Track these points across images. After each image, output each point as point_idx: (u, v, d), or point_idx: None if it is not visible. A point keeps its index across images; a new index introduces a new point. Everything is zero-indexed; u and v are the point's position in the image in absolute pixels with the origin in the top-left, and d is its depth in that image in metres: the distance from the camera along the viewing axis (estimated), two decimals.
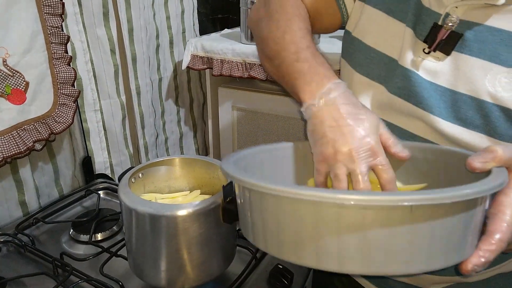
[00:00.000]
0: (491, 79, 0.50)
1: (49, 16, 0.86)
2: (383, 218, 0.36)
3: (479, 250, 0.39)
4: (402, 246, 0.37)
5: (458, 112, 0.53)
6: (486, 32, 0.50)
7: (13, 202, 0.93)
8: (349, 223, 0.37)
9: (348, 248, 0.37)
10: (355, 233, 0.37)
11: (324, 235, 0.38)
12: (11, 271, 0.74)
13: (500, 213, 0.39)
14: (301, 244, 0.39)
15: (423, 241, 0.37)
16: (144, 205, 0.61)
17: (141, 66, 1.21)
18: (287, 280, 0.71)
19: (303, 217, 0.38)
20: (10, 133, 0.83)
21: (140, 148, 1.27)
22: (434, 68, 0.54)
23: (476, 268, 0.39)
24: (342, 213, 0.37)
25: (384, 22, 0.60)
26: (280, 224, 0.41)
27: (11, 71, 0.82)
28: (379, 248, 0.37)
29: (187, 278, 0.65)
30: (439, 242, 0.37)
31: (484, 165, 0.41)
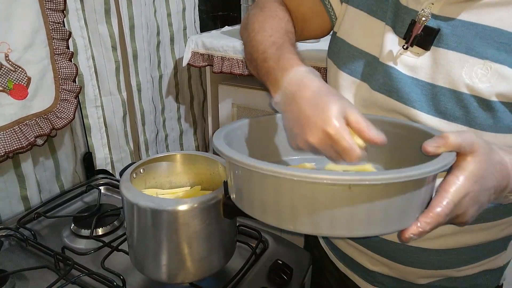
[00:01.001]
0: (468, 71, 0.52)
1: (51, 12, 0.87)
2: (328, 192, 0.42)
3: (418, 221, 0.43)
4: (344, 216, 0.43)
5: (438, 105, 0.55)
6: (462, 26, 0.53)
7: (15, 197, 0.93)
8: (302, 195, 0.43)
9: (303, 215, 0.44)
10: (308, 203, 0.43)
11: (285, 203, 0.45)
12: (13, 265, 0.75)
13: (443, 191, 0.43)
14: (279, 212, 0.46)
15: (362, 212, 0.42)
16: (146, 200, 0.62)
17: (142, 63, 1.21)
18: (286, 275, 0.71)
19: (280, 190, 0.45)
20: (12, 128, 0.84)
21: (140, 145, 1.28)
22: (413, 63, 0.56)
23: (412, 237, 0.43)
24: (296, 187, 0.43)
25: (365, 21, 0.62)
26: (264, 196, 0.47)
27: (13, 66, 0.82)
28: (325, 215, 0.43)
29: (187, 273, 0.65)
30: (377, 215, 0.43)
31: (436, 149, 0.44)
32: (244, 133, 0.61)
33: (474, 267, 0.65)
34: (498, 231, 0.62)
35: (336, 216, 0.43)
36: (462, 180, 0.43)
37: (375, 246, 0.65)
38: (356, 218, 0.43)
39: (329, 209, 0.43)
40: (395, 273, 0.67)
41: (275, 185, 0.44)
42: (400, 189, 0.42)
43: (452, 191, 0.43)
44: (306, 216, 0.44)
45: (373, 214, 0.43)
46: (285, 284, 0.71)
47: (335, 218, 0.43)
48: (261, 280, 0.72)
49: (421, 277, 0.66)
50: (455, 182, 0.43)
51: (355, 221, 0.43)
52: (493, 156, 0.45)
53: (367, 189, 0.41)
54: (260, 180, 0.46)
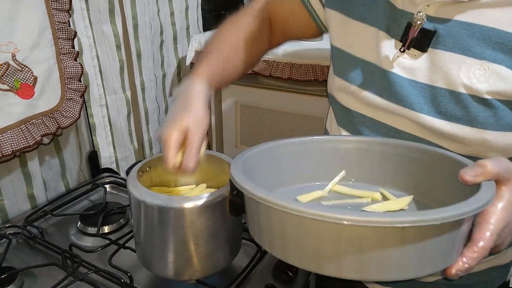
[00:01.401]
0: (466, 72, 0.52)
1: (57, 12, 0.87)
2: (377, 236, 0.40)
3: (463, 257, 0.42)
4: (394, 260, 0.41)
5: (438, 106, 0.55)
6: (458, 27, 0.53)
7: (21, 195, 0.94)
8: (347, 238, 0.40)
9: (346, 260, 0.41)
10: (353, 247, 0.41)
11: (325, 248, 0.42)
12: (21, 262, 0.76)
13: (484, 222, 0.42)
14: (303, 253, 0.44)
15: (413, 256, 0.40)
16: (153, 197, 0.62)
17: (145, 62, 1.22)
18: (292, 272, 0.72)
19: (305, 231, 0.42)
20: (19, 127, 0.84)
21: (144, 143, 1.29)
22: (411, 66, 0.56)
23: (459, 274, 0.42)
24: (341, 230, 0.40)
25: (357, 28, 0.62)
26: (285, 234, 0.44)
27: (20, 66, 0.83)
28: (374, 261, 0.41)
29: (194, 270, 0.66)
30: (428, 255, 0.41)
31: (474, 178, 0.43)
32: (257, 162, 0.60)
33: (481, 264, 0.65)
34: None
35: (386, 260, 0.41)
36: (501, 210, 0.42)
37: None
38: (407, 261, 0.41)
39: (379, 253, 0.40)
40: None
41: (317, 229, 0.41)
42: (450, 226, 0.40)
43: (493, 221, 0.42)
44: (353, 261, 0.41)
45: (424, 255, 0.41)
46: (290, 280, 0.72)
47: (384, 262, 0.41)
48: (267, 277, 0.73)
49: (429, 276, 0.66)
50: (495, 212, 0.42)
51: (406, 263, 0.41)
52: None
53: (420, 230, 0.39)
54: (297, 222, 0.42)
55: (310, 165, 0.62)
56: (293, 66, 1.15)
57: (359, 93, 0.62)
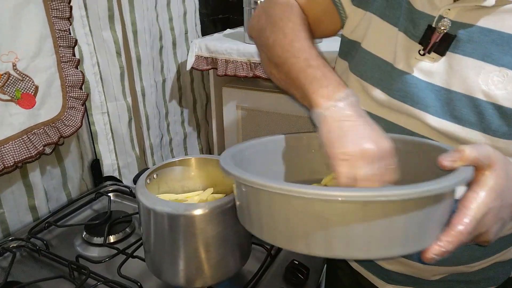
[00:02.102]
0: (484, 78, 0.51)
1: (57, 20, 0.86)
2: (341, 211, 0.40)
3: (439, 241, 0.41)
4: (359, 237, 0.40)
5: (453, 110, 0.54)
6: (478, 32, 0.52)
7: (23, 207, 0.93)
8: (312, 213, 0.41)
9: (314, 234, 0.41)
10: (319, 223, 0.41)
11: (294, 223, 0.43)
12: (27, 276, 0.74)
13: (464, 208, 0.41)
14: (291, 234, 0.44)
15: (377, 233, 0.40)
16: (163, 205, 0.61)
17: (145, 68, 1.21)
18: (303, 275, 0.71)
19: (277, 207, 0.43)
20: (20, 138, 0.83)
21: (146, 150, 1.28)
22: (429, 69, 0.56)
23: (435, 257, 0.41)
24: (307, 205, 0.41)
25: (379, 26, 0.62)
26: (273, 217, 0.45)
27: (21, 75, 0.82)
28: (339, 237, 0.41)
29: (205, 277, 0.65)
30: (395, 234, 0.40)
31: (452, 163, 0.43)
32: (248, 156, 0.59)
33: (486, 261, 0.65)
34: (510, 227, 0.62)
35: (352, 237, 0.40)
36: (483, 196, 0.42)
37: None
38: (373, 238, 0.40)
39: (344, 229, 0.40)
40: (409, 271, 0.67)
41: (285, 204, 0.42)
42: (418, 205, 0.40)
43: (473, 207, 0.41)
44: (319, 237, 0.41)
45: (391, 233, 0.40)
46: (302, 284, 0.71)
47: (350, 239, 0.40)
48: (278, 281, 0.72)
49: (435, 274, 0.66)
50: (475, 198, 0.42)
51: (372, 241, 0.40)
52: (511, 170, 0.44)
53: (383, 206, 0.39)
54: (269, 200, 0.44)
55: (305, 160, 0.62)
56: None
57: (373, 92, 0.62)
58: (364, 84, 0.63)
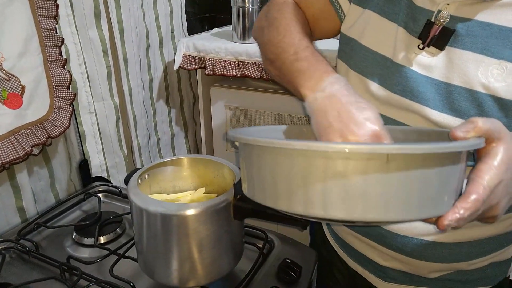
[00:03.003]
0: (484, 71, 0.53)
1: (43, 19, 0.85)
2: (362, 167, 0.39)
3: (455, 207, 0.41)
4: (379, 195, 0.39)
5: (452, 104, 0.55)
6: (477, 26, 0.53)
7: (10, 209, 0.91)
8: (332, 171, 0.39)
9: (332, 195, 0.40)
10: (338, 181, 0.39)
11: (311, 183, 0.41)
12: (17, 278, 0.73)
13: (477, 178, 0.42)
14: (292, 193, 0.42)
15: (398, 191, 0.39)
16: (155, 205, 0.61)
17: (132, 67, 1.20)
18: (295, 273, 0.72)
19: (294, 167, 0.41)
20: (8, 138, 0.82)
21: (134, 150, 1.27)
22: (428, 63, 0.57)
23: (451, 224, 0.41)
24: (327, 163, 0.39)
25: (377, 23, 0.63)
26: (275, 176, 0.43)
27: (7, 75, 0.81)
28: (358, 195, 0.39)
29: (198, 277, 0.65)
30: (414, 193, 0.40)
31: (465, 133, 0.43)
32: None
33: (483, 260, 0.66)
34: (508, 225, 0.63)
35: (371, 196, 0.39)
36: (495, 167, 0.42)
37: (388, 241, 0.66)
38: (392, 198, 0.39)
39: (364, 187, 0.39)
40: (407, 268, 0.68)
41: (302, 163, 0.40)
42: (438, 163, 0.40)
43: (487, 177, 0.42)
44: (338, 198, 0.40)
45: (409, 193, 0.40)
46: (294, 282, 0.72)
47: (369, 199, 0.39)
48: (271, 280, 0.72)
49: (433, 271, 0.67)
50: (488, 169, 0.42)
51: (391, 201, 0.39)
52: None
53: (405, 162, 0.38)
54: (286, 159, 0.42)
55: None
56: None
57: (373, 87, 0.63)
58: (364, 80, 0.64)
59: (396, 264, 0.68)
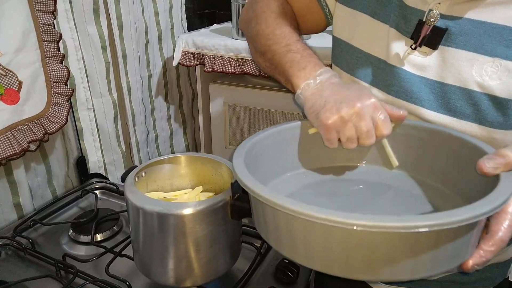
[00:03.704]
0: (478, 69, 0.52)
1: (41, 14, 0.84)
2: (390, 240, 0.38)
3: (480, 250, 0.41)
4: (408, 263, 0.39)
5: (448, 103, 0.55)
6: (469, 25, 0.53)
7: (7, 205, 0.91)
8: (357, 241, 0.39)
9: (356, 262, 0.40)
10: (364, 250, 0.39)
11: (334, 250, 0.41)
12: (13, 275, 0.72)
13: (502, 213, 0.41)
14: (312, 254, 0.43)
15: (428, 257, 0.39)
16: (152, 204, 0.61)
17: (131, 63, 1.19)
18: (293, 274, 0.71)
19: (314, 233, 0.41)
20: (4, 134, 0.81)
21: (132, 146, 1.26)
22: (422, 63, 0.57)
23: (476, 267, 0.41)
24: (351, 233, 0.39)
25: (369, 24, 0.62)
26: (293, 235, 0.43)
27: (4, 71, 0.80)
28: (386, 263, 0.39)
29: (195, 276, 0.65)
30: (443, 255, 0.40)
31: (495, 170, 0.43)
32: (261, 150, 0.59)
33: None
34: None
35: (399, 264, 0.39)
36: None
37: None
38: (421, 263, 0.39)
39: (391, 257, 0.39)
40: None
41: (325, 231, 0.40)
42: (471, 226, 0.39)
43: (510, 211, 0.41)
44: (362, 265, 0.40)
45: (439, 255, 0.39)
46: (292, 282, 0.71)
47: (397, 266, 0.40)
48: (268, 280, 0.72)
49: None
50: (511, 204, 0.41)
51: (420, 266, 0.39)
52: None
53: (436, 233, 0.37)
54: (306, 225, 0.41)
55: (316, 148, 0.61)
56: None
57: None
58: (357, 82, 0.64)
59: None
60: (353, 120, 0.50)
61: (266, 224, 0.48)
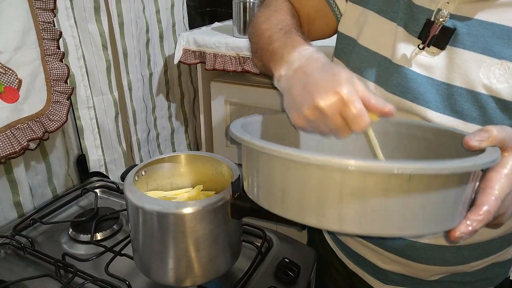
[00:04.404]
0: (485, 71, 0.51)
1: (41, 11, 0.84)
2: (382, 184, 0.38)
3: (467, 220, 0.41)
4: (398, 211, 0.39)
5: (454, 105, 0.54)
6: (478, 26, 0.52)
7: (7, 204, 0.90)
8: (351, 187, 0.38)
9: (349, 210, 0.39)
10: (356, 197, 0.38)
11: (327, 197, 0.40)
12: (12, 274, 0.72)
13: (488, 188, 0.41)
14: (305, 204, 0.41)
15: (418, 208, 0.39)
16: (152, 203, 0.60)
17: (132, 61, 1.19)
18: (294, 273, 0.71)
19: (309, 180, 0.40)
20: (4, 133, 0.81)
21: (133, 145, 1.25)
22: (429, 63, 0.56)
23: (463, 236, 0.41)
24: (345, 178, 0.38)
25: (376, 22, 0.61)
26: (286, 186, 0.42)
27: (4, 69, 0.79)
28: (377, 212, 0.39)
29: (195, 276, 0.64)
30: (433, 210, 0.39)
31: (480, 143, 0.42)
32: (258, 128, 0.59)
33: (484, 261, 0.65)
34: (509, 227, 0.62)
35: (390, 213, 0.39)
36: (506, 176, 0.41)
37: (388, 244, 0.65)
38: (410, 214, 0.39)
39: (383, 204, 0.38)
40: (407, 271, 0.67)
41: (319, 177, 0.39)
42: (458, 180, 0.39)
43: (498, 187, 0.41)
44: (354, 213, 0.39)
45: (429, 209, 0.39)
46: (292, 282, 0.71)
47: (388, 215, 0.39)
48: (269, 279, 0.71)
49: (433, 274, 0.66)
50: (499, 178, 0.41)
51: (409, 217, 0.39)
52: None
53: (427, 181, 0.38)
54: (300, 171, 0.40)
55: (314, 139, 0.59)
56: None
57: (371, 88, 0.61)
58: (362, 80, 0.62)
59: (396, 267, 0.67)
60: (319, 120, 0.47)
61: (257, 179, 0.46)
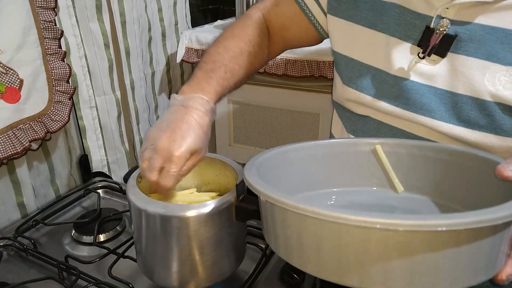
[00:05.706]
0: (491, 78, 0.49)
1: (42, 10, 0.83)
2: (429, 241, 0.35)
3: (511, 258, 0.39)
4: (448, 265, 0.36)
5: (460, 114, 0.52)
6: (480, 31, 0.50)
7: (10, 204, 0.90)
8: (397, 245, 0.36)
9: (394, 271, 0.37)
10: (403, 255, 0.36)
11: (370, 259, 0.37)
12: (14, 276, 0.71)
13: None
14: (343, 265, 0.39)
15: (468, 259, 0.37)
16: (155, 206, 0.59)
17: (134, 60, 1.18)
18: (299, 276, 0.70)
19: (347, 241, 0.37)
20: (5, 133, 0.80)
21: (135, 145, 1.25)
22: (430, 72, 0.54)
23: (510, 278, 0.39)
24: (390, 236, 0.36)
25: (366, 35, 0.60)
26: (320, 245, 0.39)
27: (5, 69, 0.78)
28: (425, 270, 0.36)
29: (199, 279, 0.63)
30: (482, 257, 0.38)
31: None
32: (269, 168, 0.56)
33: None
34: None
35: (440, 268, 0.36)
36: None
37: None
38: (461, 267, 0.37)
39: (433, 260, 0.36)
40: None
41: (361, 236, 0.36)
42: (503, 226, 0.37)
43: None
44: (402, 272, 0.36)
45: (478, 258, 0.37)
46: (298, 284, 0.70)
47: (438, 270, 0.36)
48: (274, 282, 0.71)
49: None
50: None
51: (460, 270, 0.37)
52: None
53: (479, 230, 0.35)
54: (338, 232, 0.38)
55: (328, 169, 0.58)
56: (288, 62, 1.12)
57: (374, 103, 0.60)
58: (361, 96, 0.61)
59: None
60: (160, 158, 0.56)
61: (276, 231, 0.45)
